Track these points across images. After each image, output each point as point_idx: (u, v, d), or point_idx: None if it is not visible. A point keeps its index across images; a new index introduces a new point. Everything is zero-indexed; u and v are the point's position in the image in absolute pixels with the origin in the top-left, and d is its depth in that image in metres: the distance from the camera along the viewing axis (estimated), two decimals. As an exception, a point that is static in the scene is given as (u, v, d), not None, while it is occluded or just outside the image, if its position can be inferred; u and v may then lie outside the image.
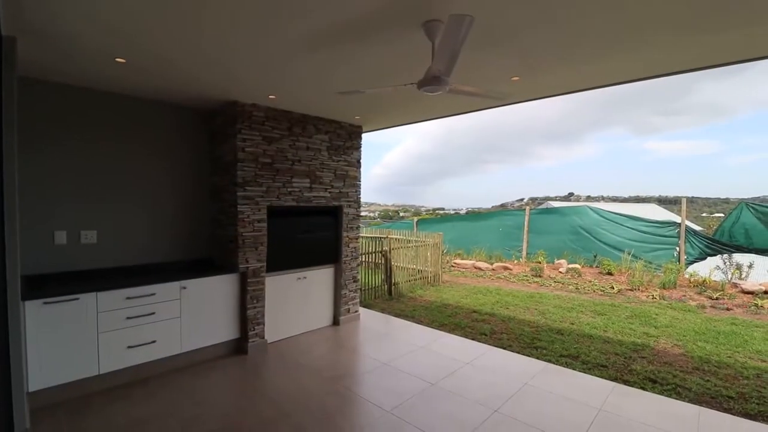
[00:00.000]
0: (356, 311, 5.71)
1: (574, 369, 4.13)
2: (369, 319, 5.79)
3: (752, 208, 8.25)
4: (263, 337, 4.56)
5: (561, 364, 4.24)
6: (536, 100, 4.42)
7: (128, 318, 3.58)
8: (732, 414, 3.29)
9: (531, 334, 5.19)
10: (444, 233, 11.67)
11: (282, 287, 4.84)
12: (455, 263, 10.72)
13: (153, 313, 3.73)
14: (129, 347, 3.59)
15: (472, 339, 5.04)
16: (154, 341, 3.74)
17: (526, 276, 9.06)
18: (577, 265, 9.49)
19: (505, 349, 4.70)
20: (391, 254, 7.78)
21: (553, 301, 6.88)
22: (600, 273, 9.06)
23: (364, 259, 7.60)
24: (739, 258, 8.30)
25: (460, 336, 5.15)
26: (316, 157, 5.04)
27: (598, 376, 3.94)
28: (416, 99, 4.17)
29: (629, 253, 9.25)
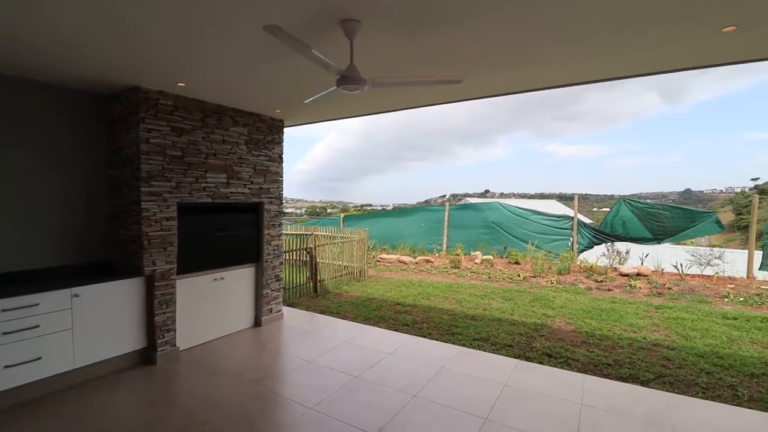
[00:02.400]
0: (279, 311, 5.57)
1: (485, 350, 4.52)
2: (293, 318, 5.69)
3: (628, 203, 9.73)
4: (175, 345, 4.23)
5: (474, 347, 4.61)
6: (454, 102, 4.73)
7: (4, 333, 3.07)
8: (609, 378, 3.88)
9: (449, 322, 5.55)
10: (371, 229, 11.85)
11: (196, 290, 4.53)
12: (381, 258, 10.97)
13: (37, 326, 3.25)
14: (6, 367, 3.09)
15: (395, 330, 5.24)
16: (38, 358, 3.27)
17: (446, 268, 9.61)
18: (490, 257, 10.33)
19: (425, 337, 4.97)
20: (317, 251, 7.71)
21: (468, 290, 7.41)
22: (509, 263, 9.98)
23: (288, 257, 7.42)
24: (619, 246, 9.75)
25: (384, 328, 5.32)
26: (233, 150, 4.79)
27: (504, 355, 4.37)
28: (340, 96, 4.18)
29: (533, 244, 10.31)
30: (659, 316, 5.78)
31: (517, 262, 9.89)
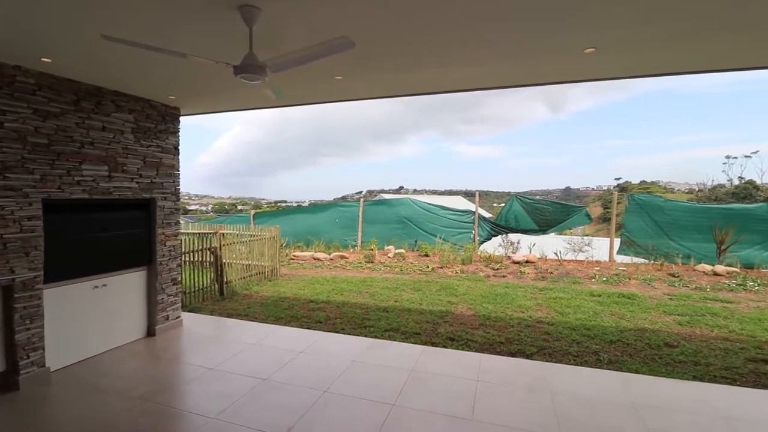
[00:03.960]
0: (178, 317, 5.10)
1: (395, 340, 4.70)
2: (195, 324, 5.26)
3: (519, 199, 10.93)
4: (44, 365, 3.61)
5: (385, 338, 4.77)
6: (361, 100, 4.80)
7: None
8: (501, 355, 4.33)
9: (362, 316, 5.65)
10: (285, 226, 11.48)
11: (72, 300, 3.92)
12: (294, 256, 10.70)
13: None
14: None
15: (308, 328, 5.17)
16: None
17: (360, 263, 9.75)
18: (402, 250, 10.75)
19: (338, 332, 4.99)
20: (223, 251, 7.21)
21: (381, 284, 7.63)
22: (419, 255, 10.51)
23: (189, 258, 6.82)
24: (512, 237, 10.92)
25: (296, 327, 5.21)
26: (117, 139, 4.23)
27: (413, 343, 4.61)
28: (242, 85, 3.96)
29: (441, 238, 11.00)
30: (542, 296, 6.62)
31: (426, 255, 10.46)
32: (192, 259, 6.86)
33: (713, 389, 3.53)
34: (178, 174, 5.02)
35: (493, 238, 11.15)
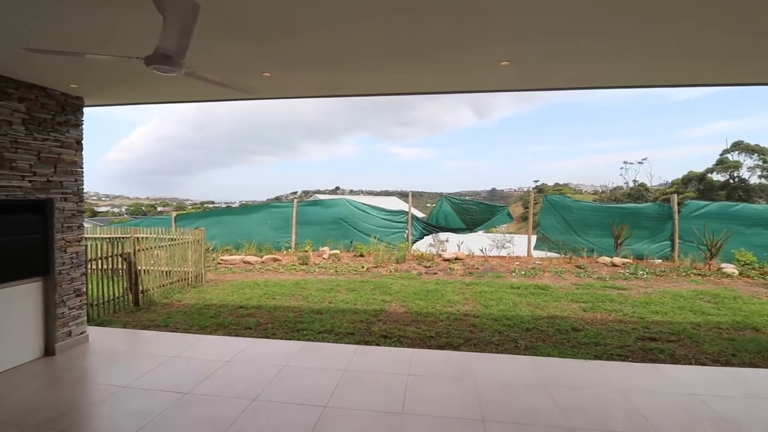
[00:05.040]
0: (83, 332, 4.55)
1: (328, 342, 4.68)
2: (104, 339, 4.74)
3: (448, 200, 11.49)
4: None
5: (318, 340, 4.72)
6: (291, 99, 4.70)
7: None
8: (432, 348, 4.52)
9: (294, 319, 5.53)
10: (211, 229, 10.81)
11: (-60, 319, 3.31)
12: (222, 260, 10.11)
13: None
14: None
15: (236, 335, 4.93)
16: None
17: (294, 265, 9.52)
18: (337, 251, 10.70)
19: (269, 338, 4.83)
20: (138, 256, 6.59)
21: (316, 285, 7.53)
22: (355, 256, 10.55)
23: (96, 266, 6.11)
24: (442, 236, 11.43)
25: (223, 335, 4.94)
26: (3, 131, 3.67)
27: (346, 343, 4.62)
28: (156, 77, 3.66)
29: (376, 238, 11.15)
30: (469, 291, 7.03)
31: (362, 255, 10.52)
32: (101, 266, 6.16)
33: (610, 366, 4.03)
34: (82, 172, 4.49)
35: (426, 237, 11.59)
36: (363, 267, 9.18)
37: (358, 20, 2.51)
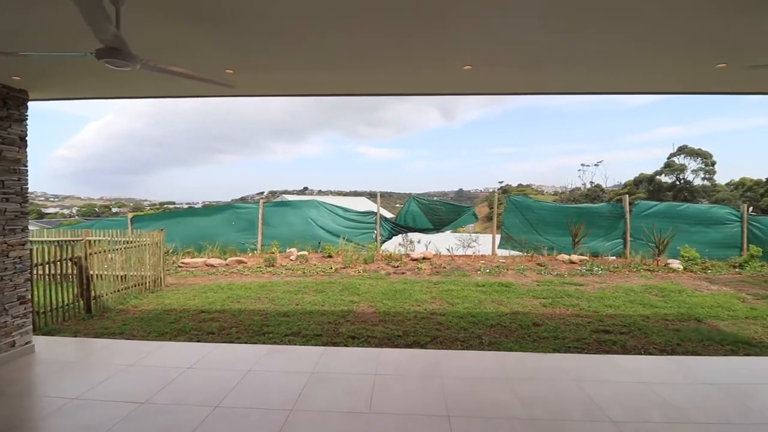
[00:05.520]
0: (28, 342, 4.24)
1: (295, 344, 4.61)
2: (52, 349, 4.44)
3: (416, 200, 11.63)
4: None
5: (285, 343, 4.65)
6: (255, 97, 4.60)
7: None
8: (399, 347, 4.56)
9: (260, 322, 5.40)
10: (172, 230, 10.37)
11: None
12: (183, 263, 9.71)
13: None
14: None
15: (198, 341, 4.76)
16: None
17: (260, 267, 9.30)
18: (305, 252, 10.56)
19: (233, 342, 4.70)
20: (91, 260, 6.21)
21: (282, 287, 7.39)
22: (323, 257, 10.45)
23: (43, 271, 5.70)
24: (411, 236, 11.56)
25: (184, 341, 4.76)
26: (-69, 126, 3.36)
27: (314, 345, 4.57)
28: (108, 70, 3.48)
29: (344, 238, 11.10)
30: (436, 290, 7.15)
31: (330, 256, 10.44)
32: (49, 271, 5.75)
33: (567, 358, 4.23)
34: (26, 170, 4.18)
35: (394, 238, 11.67)
36: (331, 268, 9.12)
37: (325, 19, 2.50)
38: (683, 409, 3.17)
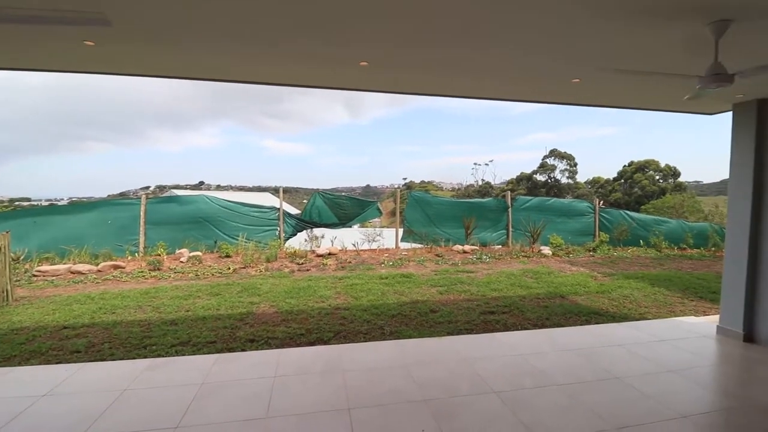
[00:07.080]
0: None
1: (184, 354, 4.19)
2: None
3: (321, 195, 11.49)
4: None
5: (171, 354, 4.18)
6: (128, 76, 4.02)
7: None
8: (302, 346, 4.45)
9: (141, 334, 4.78)
10: (24, 232, 8.61)
11: None
12: (40, 271, 8.09)
13: None
14: None
15: (58, 362, 4.02)
16: None
17: (142, 272, 8.22)
18: (198, 253, 9.65)
19: (105, 360, 4.07)
20: None
21: (170, 293, 6.65)
22: (220, 257, 9.69)
23: None
24: (318, 231, 11.38)
25: (38, 364, 3.97)
26: None
27: (206, 353, 4.21)
28: None
29: (244, 236, 10.44)
30: (341, 285, 7.17)
31: (228, 256, 9.73)
32: None
33: (459, 340, 4.61)
34: None
35: (300, 234, 11.36)
36: (229, 268, 8.50)
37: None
38: (550, 374, 3.69)
